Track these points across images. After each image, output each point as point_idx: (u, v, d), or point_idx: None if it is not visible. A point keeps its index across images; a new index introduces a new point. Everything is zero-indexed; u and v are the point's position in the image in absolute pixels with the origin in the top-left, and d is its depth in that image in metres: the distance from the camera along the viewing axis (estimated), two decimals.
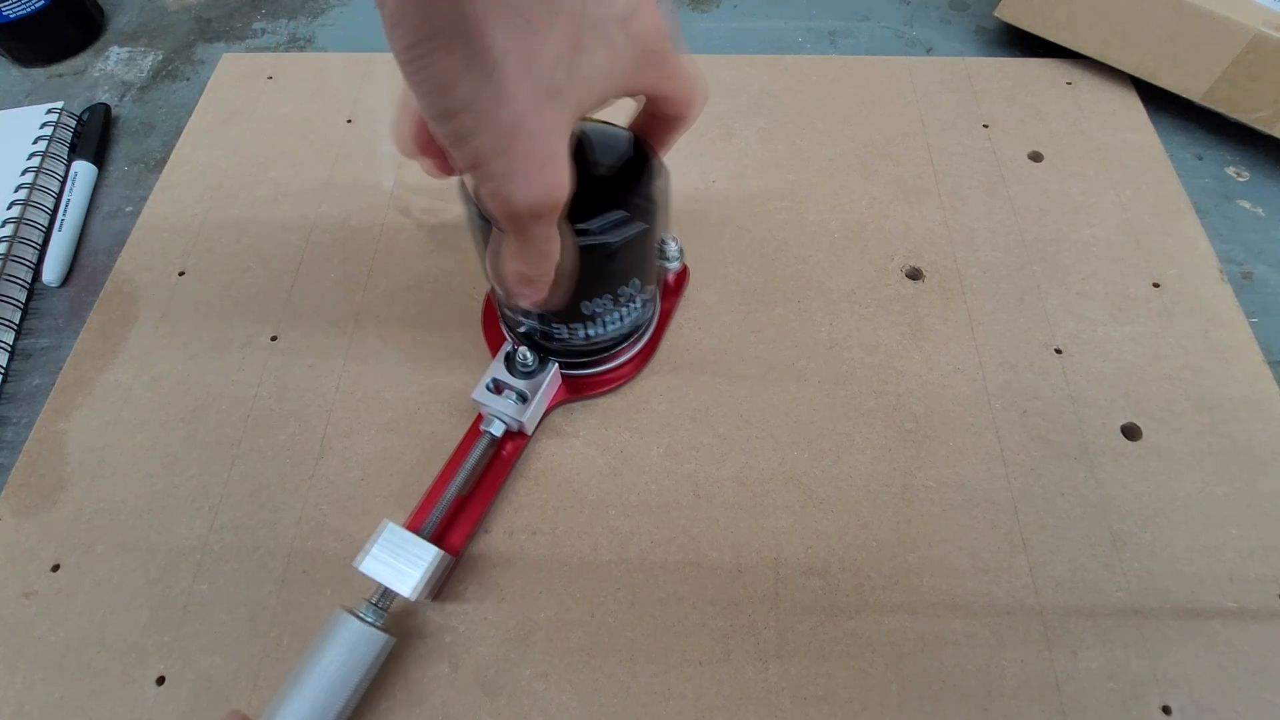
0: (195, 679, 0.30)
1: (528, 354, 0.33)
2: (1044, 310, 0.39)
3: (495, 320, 0.37)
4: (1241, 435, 0.35)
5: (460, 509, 0.32)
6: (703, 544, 0.33)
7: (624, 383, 0.37)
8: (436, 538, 0.31)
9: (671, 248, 0.37)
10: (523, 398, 0.33)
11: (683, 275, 0.40)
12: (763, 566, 0.32)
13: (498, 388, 0.33)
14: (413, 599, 0.28)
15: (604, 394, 0.36)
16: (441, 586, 0.32)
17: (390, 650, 0.29)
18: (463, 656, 0.30)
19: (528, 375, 0.33)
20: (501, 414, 0.33)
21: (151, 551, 0.33)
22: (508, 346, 0.34)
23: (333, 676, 0.27)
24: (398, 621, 0.31)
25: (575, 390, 0.36)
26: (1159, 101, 0.47)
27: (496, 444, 0.33)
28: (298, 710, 0.26)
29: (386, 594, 0.29)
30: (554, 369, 0.34)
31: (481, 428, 0.33)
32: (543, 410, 0.35)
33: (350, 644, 0.27)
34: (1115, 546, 0.32)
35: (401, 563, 0.29)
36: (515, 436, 0.34)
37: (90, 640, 0.31)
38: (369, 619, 0.28)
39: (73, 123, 0.48)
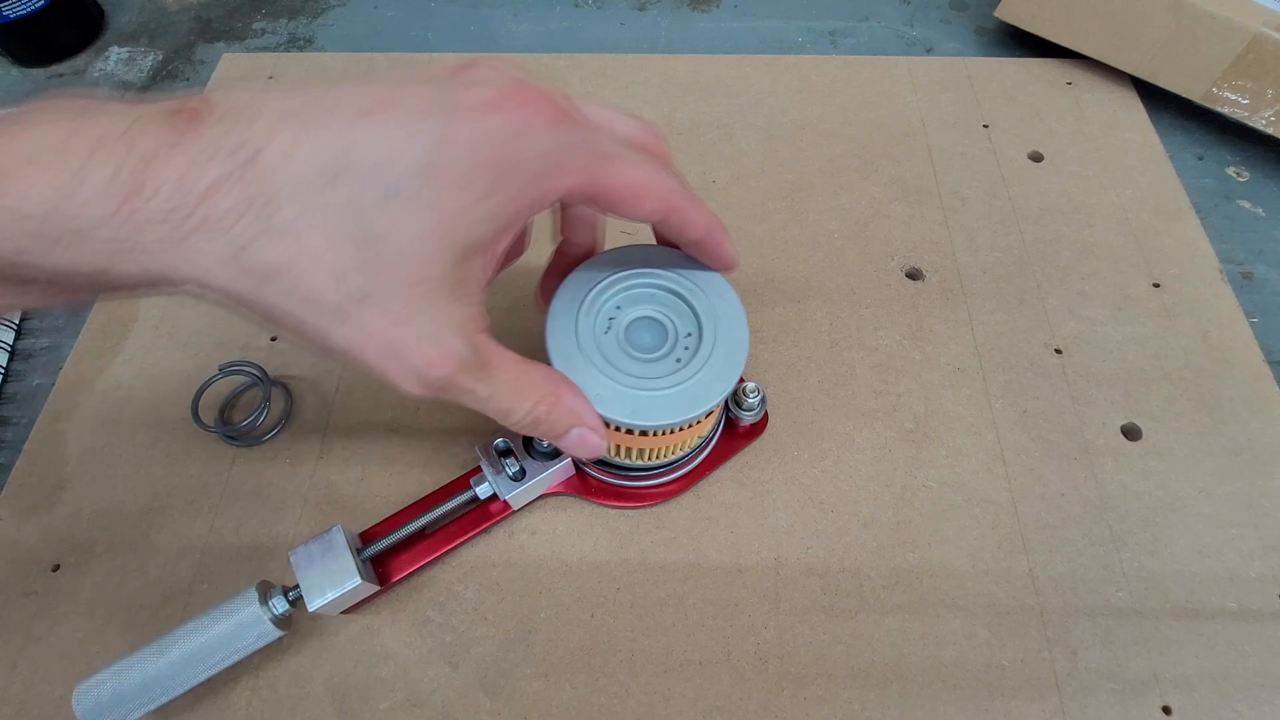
0: None
1: None
2: (1044, 310, 0.39)
3: None
4: (1241, 435, 0.35)
5: (416, 542, 0.31)
6: (703, 544, 0.33)
7: (642, 505, 0.34)
8: (378, 559, 0.31)
9: (752, 399, 0.33)
10: (521, 475, 0.31)
11: (760, 424, 0.35)
12: (763, 566, 0.32)
13: (505, 451, 0.31)
14: (312, 612, 0.28)
15: (613, 506, 0.34)
16: (358, 606, 0.30)
17: (274, 642, 0.28)
18: (463, 656, 0.30)
19: (540, 456, 0.31)
20: (493, 480, 0.31)
21: (151, 551, 0.33)
22: None
23: (204, 645, 0.26)
24: (393, 620, 0.31)
25: (583, 489, 0.33)
26: (1159, 101, 0.47)
27: (479, 503, 0.32)
28: (156, 665, 0.26)
29: (299, 590, 0.28)
30: (565, 462, 0.32)
31: (471, 482, 0.31)
32: (535, 495, 0.32)
33: (243, 622, 0.27)
34: (1115, 546, 0.32)
35: (323, 573, 0.28)
36: (500, 504, 0.32)
37: (90, 640, 0.31)
38: (269, 606, 0.27)
39: None
